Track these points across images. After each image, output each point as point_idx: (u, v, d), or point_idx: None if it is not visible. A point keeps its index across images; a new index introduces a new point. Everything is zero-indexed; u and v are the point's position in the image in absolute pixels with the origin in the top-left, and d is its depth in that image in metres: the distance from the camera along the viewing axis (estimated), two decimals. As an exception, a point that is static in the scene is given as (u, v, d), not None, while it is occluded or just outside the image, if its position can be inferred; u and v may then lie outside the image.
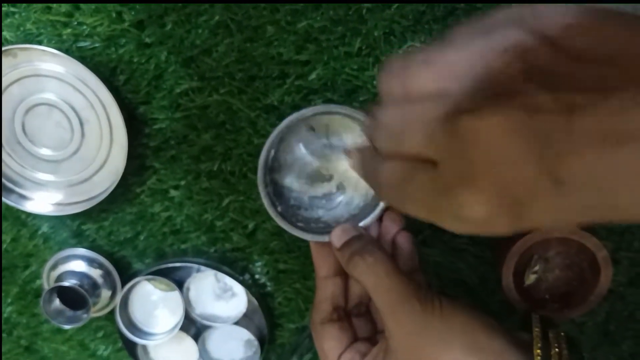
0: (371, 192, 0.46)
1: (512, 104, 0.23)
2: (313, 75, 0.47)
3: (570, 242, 0.46)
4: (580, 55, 0.23)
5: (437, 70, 0.26)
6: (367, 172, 0.35)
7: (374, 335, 0.45)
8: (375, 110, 0.30)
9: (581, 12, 0.24)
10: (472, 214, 0.25)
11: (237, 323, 0.55)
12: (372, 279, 0.40)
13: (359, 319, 0.45)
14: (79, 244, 0.55)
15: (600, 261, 0.44)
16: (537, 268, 0.47)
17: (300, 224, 0.45)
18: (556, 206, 0.24)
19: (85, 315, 0.53)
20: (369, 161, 0.32)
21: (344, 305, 0.45)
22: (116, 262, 0.55)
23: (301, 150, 0.46)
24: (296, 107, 0.48)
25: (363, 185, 0.46)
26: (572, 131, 0.22)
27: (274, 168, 0.45)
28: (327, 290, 0.44)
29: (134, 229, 0.55)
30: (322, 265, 0.44)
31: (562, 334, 0.38)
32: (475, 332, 0.37)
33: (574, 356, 0.37)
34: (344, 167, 0.45)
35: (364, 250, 0.41)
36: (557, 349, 0.36)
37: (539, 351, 0.36)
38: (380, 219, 0.45)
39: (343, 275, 0.44)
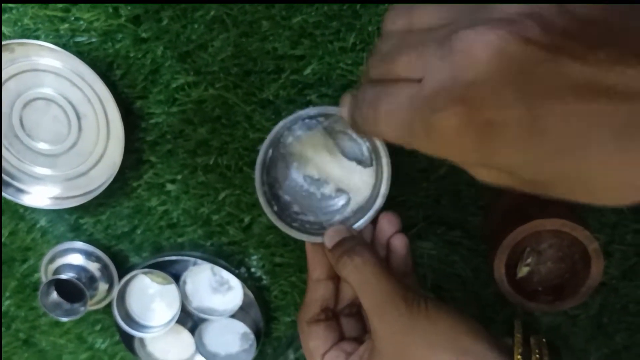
0: (366, 194, 0.46)
1: (508, 29, 0.23)
2: (308, 70, 0.48)
3: (563, 235, 0.46)
4: (582, 18, 0.23)
5: (444, 9, 0.27)
6: (354, 107, 0.33)
7: (362, 335, 0.45)
8: (376, 43, 0.30)
9: None
10: (444, 130, 0.25)
11: (233, 316, 0.55)
12: (359, 279, 0.40)
13: (349, 319, 0.46)
14: (76, 238, 0.56)
15: (591, 253, 0.44)
16: (529, 260, 0.47)
17: (295, 224, 0.46)
18: (526, 141, 0.24)
19: (82, 308, 0.53)
20: (356, 94, 0.32)
21: (333, 306, 0.45)
22: (113, 256, 0.56)
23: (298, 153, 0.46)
24: (292, 102, 0.49)
25: (359, 189, 0.46)
26: (558, 74, 0.23)
27: (271, 168, 0.46)
28: (317, 292, 0.44)
29: (131, 223, 0.55)
30: (316, 268, 0.45)
31: (544, 340, 0.39)
32: (459, 335, 0.37)
33: None
34: (340, 172, 0.46)
35: (352, 251, 0.41)
36: (537, 355, 0.37)
37: (519, 357, 0.36)
38: (375, 221, 0.46)
39: (335, 278, 0.45)
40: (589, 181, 0.24)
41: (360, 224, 0.45)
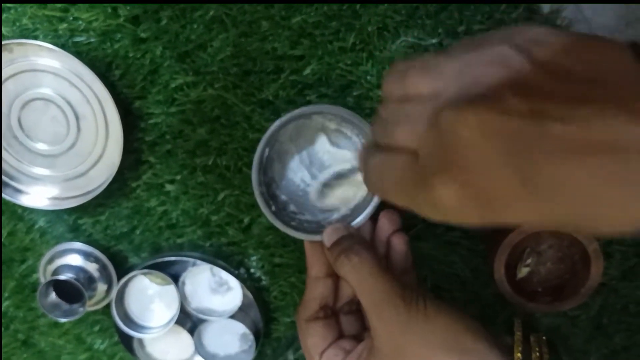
0: (363, 193, 0.46)
1: (489, 106, 0.25)
2: (307, 70, 0.47)
3: (562, 236, 0.46)
4: (561, 73, 0.24)
5: (432, 76, 0.29)
6: (363, 165, 0.36)
7: (361, 333, 0.45)
8: (378, 108, 0.33)
9: (566, 36, 0.26)
10: (444, 202, 0.27)
11: (232, 317, 0.55)
12: (357, 278, 0.40)
13: (349, 317, 0.46)
14: (75, 238, 0.56)
15: (591, 254, 0.45)
16: (529, 261, 0.47)
17: (293, 224, 0.46)
18: (525, 206, 0.25)
19: (81, 309, 0.53)
20: (366, 155, 0.35)
21: (332, 304, 0.45)
22: (112, 256, 0.55)
23: (294, 151, 0.46)
24: (291, 102, 0.49)
25: (356, 186, 0.46)
26: (543, 138, 0.24)
27: (267, 168, 0.46)
28: (316, 290, 0.45)
29: (130, 224, 0.55)
30: (314, 265, 0.45)
31: (544, 338, 0.39)
32: (458, 334, 0.38)
33: (554, 358, 0.37)
34: (336, 171, 0.46)
35: (350, 250, 0.41)
36: (537, 353, 0.37)
37: (519, 355, 0.36)
38: (375, 218, 0.46)
39: (334, 276, 0.45)
40: (590, 222, 0.25)
41: (358, 221, 0.45)
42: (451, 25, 0.46)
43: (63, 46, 0.47)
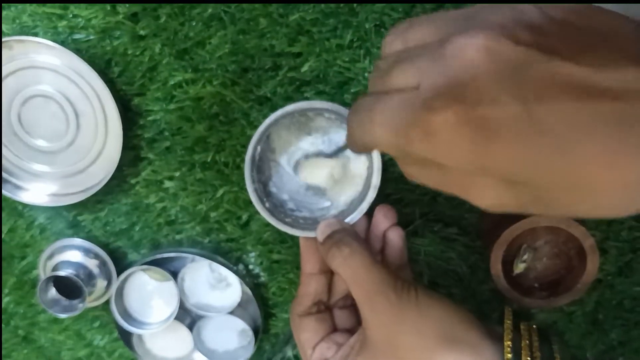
0: (359, 188, 0.46)
1: (497, 33, 0.24)
2: (305, 67, 0.48)
3: (559, 231, 0.46)
4: (565, 20, 0.24)
5: (437, 23, 0.27)
6: (351, 115, 0.33)
7: (355, 327, 0.45)
8: (377, 63, 0.31)
9: (578, 6, 0.25)
10: (440, 122, 0.25)
11: (231, 313, 0.56)
12: (349, 269, 0.40)
13: (342, 311, 0.46)
14: (75, 235, 0.56)
15: (587, 249, 0.45)
16: (526, 257, 0.47)
17: (288, 220, 0.46)
18: (523, 139, 0.24)
19: (80, 305, 0.53)
20: (356, 104, 0.32)
21: (326, 300, 0.45)
22: (112, 253, 0.56)
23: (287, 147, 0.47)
24: (289, 99, 0.49)
25: (350, 182, 0.46)
26: (551, 74, 0.23)
27: (262, 165, 0.46)
28: (310, 286, 0.45)
29: (129, 220, 0.55)
30: (309, 261, 0.45)
31: (534, 326, 0.39)
32: (450, 323, 0.38)
33: (545, 347, 0.37)
34: (329, 171, 0.46)
35: (341, 242, 0.41)
36: (527, 341, 0.37)
37: (509, 342, 0.36)
38: (370, 214, 0.46)
39: (328, 272, 0.45)
40: (589, 185, 0.24)
41: (353, 216, 0.45)
42: (448, 23, 0.46)
43: (63, 43, 0.48)
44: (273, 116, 0.43)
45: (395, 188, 0.51)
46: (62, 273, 0.52)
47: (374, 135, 0.29)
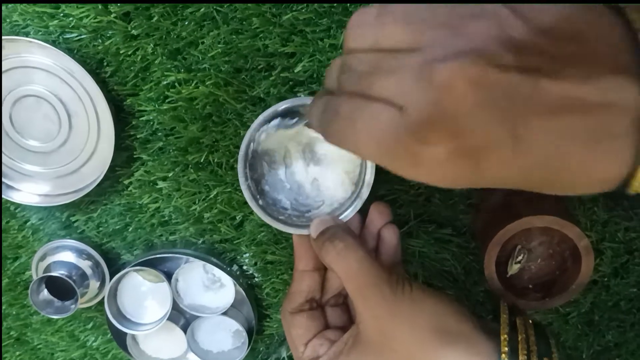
0: (353, 187, 0.46)
1: (482, 60, 0.25)
2: (299, 68, 0.47)
3: (553, 232, 0.46)
4: (548, 30, 0.25)
5: (415, 29, 0.27)
6: (318, 111, 0.32)
7: (348, 325, 0.45)
8: (343, 57, 0.30)
9: (558, 7, 0.26)
10: (435, 156, 0.26)
11: (225, 314, 0.55)
12: (342, 264, 0.40)
13: (335, 309, 0.46)
14: (67, 235, 0.56)
15: (581, 250, 0.44)
16: (520, 258, 0.47)
17: (282, 217, 0.46)
18: (511, 160, 0.26)
19: (73, 306, 0.53)
20: (327, 101, 0.31)
21: (318, 297, 0.45)
22: (105, 253, 0.56)
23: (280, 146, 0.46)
24: (282, 99, 0.48)
25: (344, 179, 0.46)
26: (535, 94, 0.24)
27: (254, 163, 0.46)
28: (302, 283, 0.45)
29: (123, 221, 0.55)
30: (302, 259, 0.45)
31: (530, 321, 0.39)
32: (445, 317, 0.37)
33: (541, 341, 0.37)
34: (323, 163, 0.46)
35: (334, 236, 0.41)
36: (524, 335, 0.37)
37: (505, 336, 0.36)
38: (364, 211, 0.46)
39: (322, 269, 0.45)
40: (568, 182, 0.27)
41: (347, 214, 0.45)
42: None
43: (54, 43, 0.47)
44: (265, 113, 0.43)
45: (389, 189, 0.50)
46: (54, 274, 0.52)
47: (357, 146, 0.29)
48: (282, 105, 0.43)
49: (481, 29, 0.25)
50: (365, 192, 0.44)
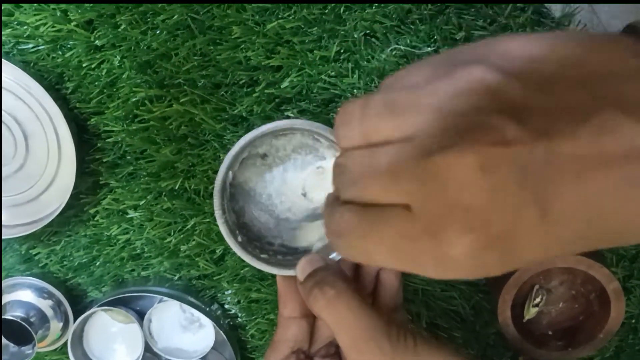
0: None
1: (484, 140, 0.23)
2: (285, 83, 0.46)
3: (575, 271, 0.42)
4: (548, 84, 0.23)
5: (400, 118, 0.25)
6: (327, 222, 0.31)
7: None
8: (338, 159, 0.29)
9: (543, 39, 0.24)
10: (459, 254, 0.24)
11: (204, 358, 0.52)
12: (334, 314, 0.37)
13: None
14: (28, 270, 0.52)
15: (610, 294, 0.40)
16: (538, 300, 0.43)
17: (264, 256, 0.43)
18: (544, 237, 0.24)
19: (29, 352, 0.50)
20: (340, 217, 0.30)
21: (306, 348, 0.42)
22: (70, 290, 0.52)
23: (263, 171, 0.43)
24: (267, 118, 0.46)
25: None
26: (550, 159, 0.23)
27: (237, 193, 0.43)
28: (288, 331, 0.42)
29: (89, 254, 0.52)
30: (287, 303, 0.42)
31: None
32: None
33: None
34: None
35: (324, 282, 0.38)
36: None
37: None
38: None
39: (310, 317, 0.42)
40: (620, 235, 0.25)
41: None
42: (448, 31, 0.43)
43: (7, 55, 0.45)
44: (248, 137, 0.41)
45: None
46: (8, 317, 0.48)
47: (375, 263, 0.28)
48: (267, 127, 0.40)
49: (472, 102, 0.23)
50: None
